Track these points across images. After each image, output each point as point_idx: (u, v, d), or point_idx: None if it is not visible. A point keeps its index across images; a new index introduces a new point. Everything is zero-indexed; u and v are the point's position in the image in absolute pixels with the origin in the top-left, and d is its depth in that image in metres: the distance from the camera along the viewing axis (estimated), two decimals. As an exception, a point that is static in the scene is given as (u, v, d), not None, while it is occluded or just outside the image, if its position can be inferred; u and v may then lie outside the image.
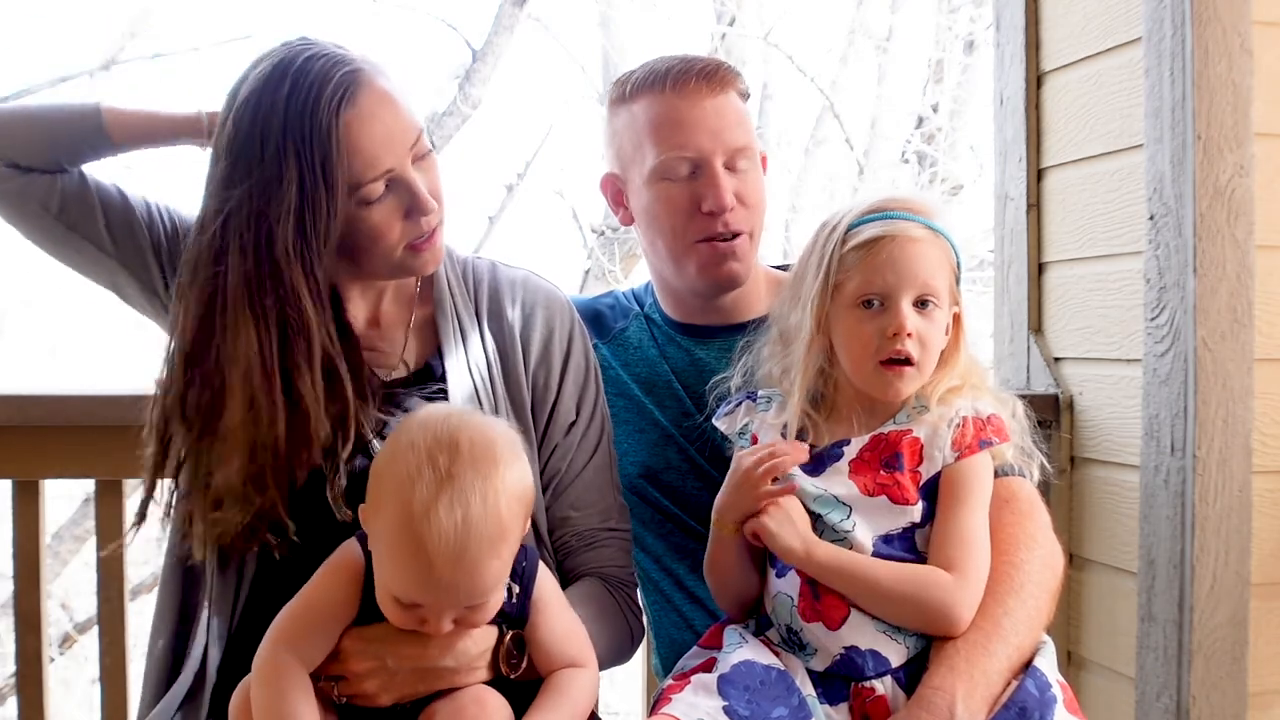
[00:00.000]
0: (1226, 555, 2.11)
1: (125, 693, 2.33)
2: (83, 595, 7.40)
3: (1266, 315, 2.14)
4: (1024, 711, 1.61)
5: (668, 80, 1.99)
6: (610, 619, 1.84)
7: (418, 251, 1.74)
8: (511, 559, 1.54)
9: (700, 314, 2.11)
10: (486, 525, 1.46)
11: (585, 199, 8.07)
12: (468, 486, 1.46)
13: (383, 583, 1.53)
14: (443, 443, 1.49)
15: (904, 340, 1.66)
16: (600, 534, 1.88)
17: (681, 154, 1.97)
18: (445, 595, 1.49)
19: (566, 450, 1.85)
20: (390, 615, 1.54)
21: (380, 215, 1.69)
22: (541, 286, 1.92)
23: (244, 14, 8.77)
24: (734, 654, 1.69)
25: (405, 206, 1.70)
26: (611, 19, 8.09)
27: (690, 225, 1.99)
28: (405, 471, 1.48)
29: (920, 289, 1.68)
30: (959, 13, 8.25)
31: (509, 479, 1.51)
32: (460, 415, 1.57)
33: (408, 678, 1.58)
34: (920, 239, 1.69)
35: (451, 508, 1.45)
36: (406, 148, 1.69)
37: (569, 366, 1.88)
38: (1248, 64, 2.09)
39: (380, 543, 1.51)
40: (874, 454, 1.70)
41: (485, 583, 1.50)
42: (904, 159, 8.10)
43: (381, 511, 1.50)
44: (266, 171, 1.62)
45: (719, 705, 1.61)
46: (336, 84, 1.64)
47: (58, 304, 9.37)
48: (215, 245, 1.65)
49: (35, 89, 8.19)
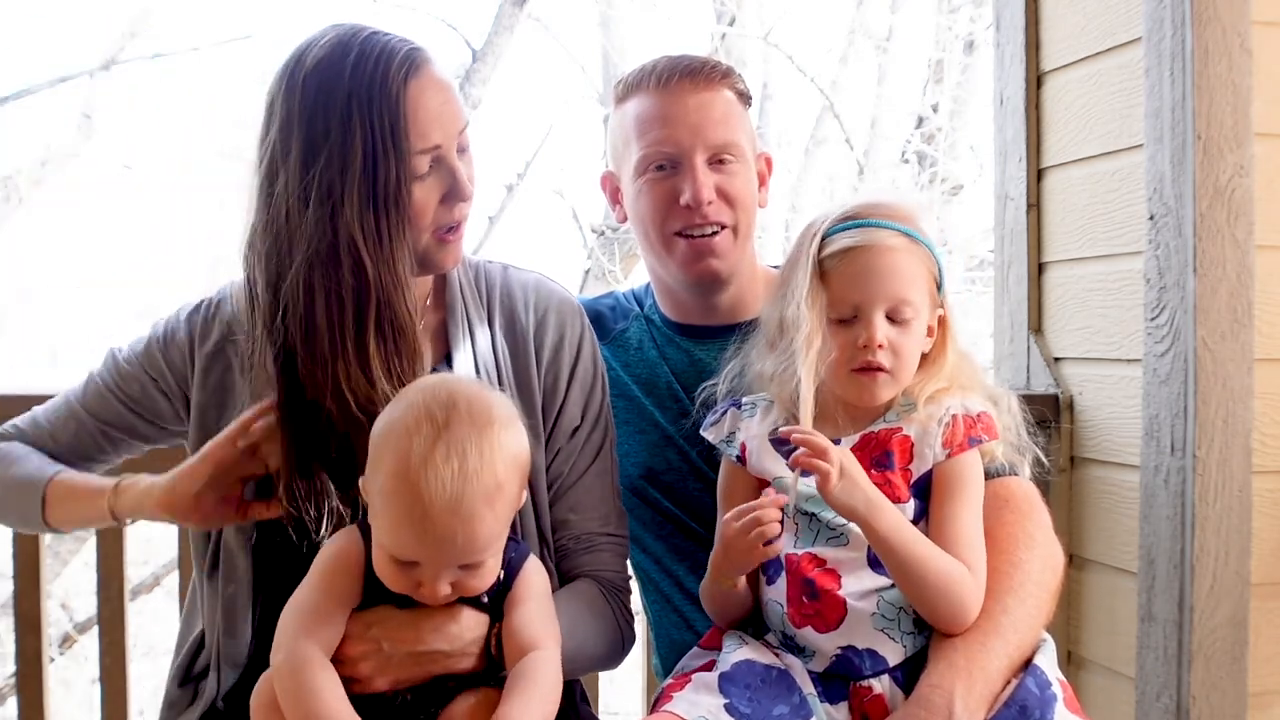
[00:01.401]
0: (1226, 555, 2.11)
1: (125, 693, 2.33)
2: (83, 595, 7.40)
3: (1266, 315, 2.14)
4: (1024, 709, 1.61)
5: (654, 78, 2.03)
6: (604, 620, 1.85)
7: (443, 243, 1.76)
8: (507, 522, 1.55)
9: (698, 314, 2.11)
10: (482, 477, 1.49)
11: (585, 199, 8.08)
12: (464, 438, 1.49)
13: (380, 543, 1.54)
14: (440, 399, 1.52)
15: (875, 351, 1.66)
16: (598, 538, 1.89)
17: (660, 148, 2.00)
18: (442, 548, 1.50)
19: (570, 454, 1.86)
20: (387, 578, 1.55)
21: (420, 193, 1.70)
22: (555, 291, 1.94)
23: (244, 14, 8.77)
24: (735, 653, 1.69)
25: (445, 189, 1.72)
26: (611, 19, 8.09)
27: (669, 218, 2.01)
28: (403, 426, 1.50)
29: (891, 301, 1.67)
30: (959, 13, 8.25)
31: (504, 438, 1.53)
32: (457, 379, 1.61)
33: (403, 661, 1.59)
34: (894, 249, 1.68)
35: (449, 456, 1.47)
36: (456, 131, 1.73)
37: (577, 371, 1.89)
38: (1248, 64, 2.09)
39: (378, 500, 1.53)
40: (864, 453, 1.70)
41: (480, 537, 1.51)
42: (904, 159, 8.10)
43: (379, 468, 1.52)
44: (333, 140, 1.64)
45: (720, 703, 1.61)
46: (404, 56, 1.68)
47: (58, 304, 9.38)
48: (286, 225, 1.66)
49: (35, 89, 8.19)
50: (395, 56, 1.67)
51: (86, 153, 8.76)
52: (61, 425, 1.88)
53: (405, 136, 1.65)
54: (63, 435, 1.88)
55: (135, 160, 9.03)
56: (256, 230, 1.69)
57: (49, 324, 9.48)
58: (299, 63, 1.67)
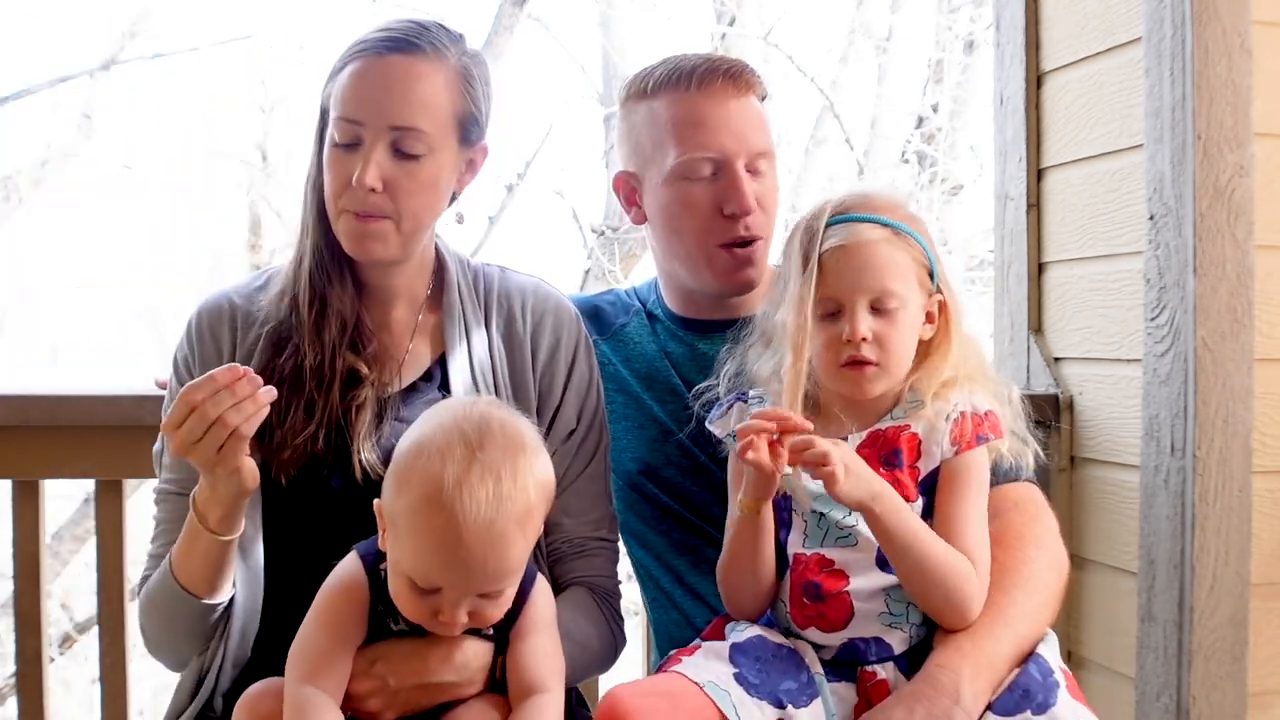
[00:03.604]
0: (1226, 555, 2.11)
1: (125, 693, 2.33)
2: (83, 595, 7.40)
3: (1266, 315, 2.14)
4: (1027, 694, 1.61)
5: (693, 79, 1.97)
6: (598, 630, 1.86)
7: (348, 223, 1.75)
8: (530, 548, 1.53)
9: (707, 310, 2.10)
10: (515, 501, 1.46)
11: (585, 199, 8.08)
12: (499, 461, 1.47)
13: (401, 569, 1.50)
14: (473, 421, 1.50)
15: (859, 345, 1.66)
16: (590, 542, 1.89)
17: (705, 154, 1.96)
18: (470, 574, 1.47)
19: (564, 457, 1.86)
20: (404, 605, 1.52)
21: (337, 162, 1.75)
22: (551, 295, 1.93)
23: (244, 14, 8.76)
24: (747, 630, 1.70)
25: (351, 170, 1.74)
26: (611, 19, 8.09)
27: (711, 227, 1.98)
28: (435, 447, 1.47)
29: (872, 293, 1.66)
30: (959, 13, 8.25)
31: (536, 463, 1.51)
32: (487, 402, 1.59)
33: (410, 694, 1.58)
34: (874, 240, 1.67)
35: (484, 479, 1.45)
36: (387, 124, 1.75)
37: (573, 376, 1.89)
38: (1248, 64, 2.09)
39: (404, 521, 1.48)
40: (872, 451, 1.70)
41: (509, 562, 1.48)
42: (904, 159, 8.09)
43: (406, 490, 1.48)
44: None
45: (730, 671, 1.62)
46: (385, 39, 1.76)
47: (58, 304, 9.38)
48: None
49: (35, 89, 8.19)
50: (385, 34, 1.75)
51: (86, 153, 8.77)
52: (174, 539, 1.81)
53: (340, 99, 1.74)
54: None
55: (135, 160, 9.03)
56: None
57: (49, 324, 9.48)
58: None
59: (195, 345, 1.83)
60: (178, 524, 1.77)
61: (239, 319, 1.83)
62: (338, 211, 1.74)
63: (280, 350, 1.78)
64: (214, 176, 8.97)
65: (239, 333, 1.82)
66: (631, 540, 2.13)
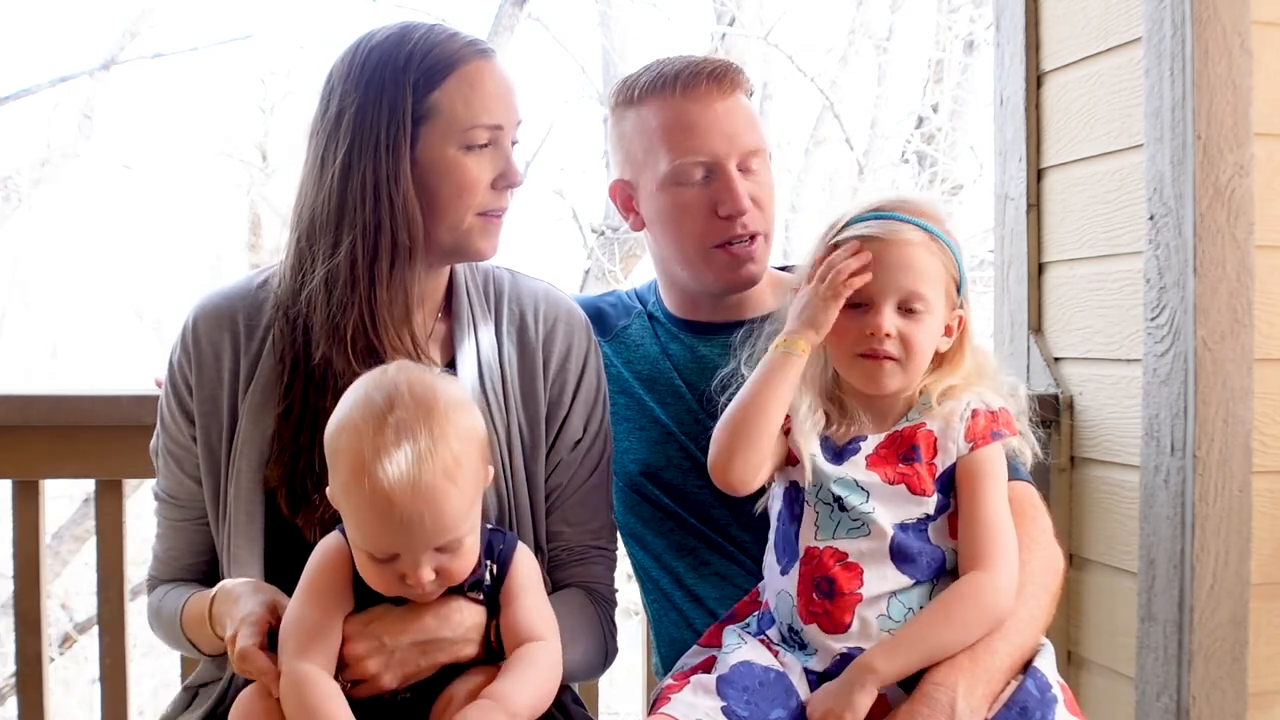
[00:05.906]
0: (1226, 555, 2.11)
1: (125, 693, 2.33)
2: (83, 595, 7.40)
3: (1266, 315, 2.14)
4: (1025, 711, 1.62)
5: (678, 83, 1.98)
6: (592, 628, 1.86)
7: (487, 223, 1.79)
8: (475, 497, 1.54)
9: (707, 311, 2.11)
10: (436, 454, 1.48)
11: (585, 199, 8.08)
12: (411, 421, 1.49)
13: (357, 546, 1.54)
14: (383, 389, 1.52)
15: (882, 340, 1.68)
16: (590, 550, 1.90)
17: (695, 158, 1.96)
18: (413, 534, 1.49)
19: (569, 466, 1.87)
20: (373, 581, 1.55)
21: (475, 166, 1.76)
22: (562, 301, 1.94)
23: (244, 14, 8.78)
24: (733, 654, 1.69)
25: (499, 171, 1.78)
26: (611, 19, 8.09)
27: (708, 229, 1.98)
28: (350, 422, 1.51)
29: (902, 293, 1.68)
30: (959, 13, 8.25)
31: (453, 415, 1.52)
32: (398, 367, 1.59)
33: (407, 653, 1.59)
34: (912, 242, 1.70)
35: (399, 441, 1.47)
36: (515, 122, 1.79)
37: (583, 385, 1.89)
38: (1248, 64, 2.09)
39: (342, 500, 1.53)
40: (891, 450, 1.71)
41: (447, 514, 1.50)
42: (904, 159, 8.10)
43: (336, 470, 1.52)
44: (387, 90, 1.71)
45: (718, 705, 1.61)
46: (473, 41, 1.77)
47: (58, 304, 9.38)
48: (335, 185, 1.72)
49: (35, 89, 8.19)
50: (466, 38, 1.76)
51: (86, 153, 8.78)
52: (173, 544, 1.86)
53: (468, 104, 1.73)
54: (184, 556, 1.85)
55: (135, 160, 9.04)
56: (306, 193, 1.75)
57: (49, 324, 9.49)
58: (364, 41, 1.75)
59: (192, 351, 1.82)
60: (177, 527, 1.81)
61: (240, 326, 1.82)
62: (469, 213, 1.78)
63: (296, 370, 1.77)
64: (214, 176, 8.98)
65: (241, 340, 1.81)
66: (632, 542, 2.13)
